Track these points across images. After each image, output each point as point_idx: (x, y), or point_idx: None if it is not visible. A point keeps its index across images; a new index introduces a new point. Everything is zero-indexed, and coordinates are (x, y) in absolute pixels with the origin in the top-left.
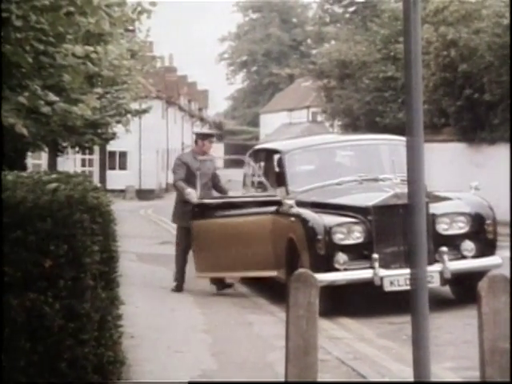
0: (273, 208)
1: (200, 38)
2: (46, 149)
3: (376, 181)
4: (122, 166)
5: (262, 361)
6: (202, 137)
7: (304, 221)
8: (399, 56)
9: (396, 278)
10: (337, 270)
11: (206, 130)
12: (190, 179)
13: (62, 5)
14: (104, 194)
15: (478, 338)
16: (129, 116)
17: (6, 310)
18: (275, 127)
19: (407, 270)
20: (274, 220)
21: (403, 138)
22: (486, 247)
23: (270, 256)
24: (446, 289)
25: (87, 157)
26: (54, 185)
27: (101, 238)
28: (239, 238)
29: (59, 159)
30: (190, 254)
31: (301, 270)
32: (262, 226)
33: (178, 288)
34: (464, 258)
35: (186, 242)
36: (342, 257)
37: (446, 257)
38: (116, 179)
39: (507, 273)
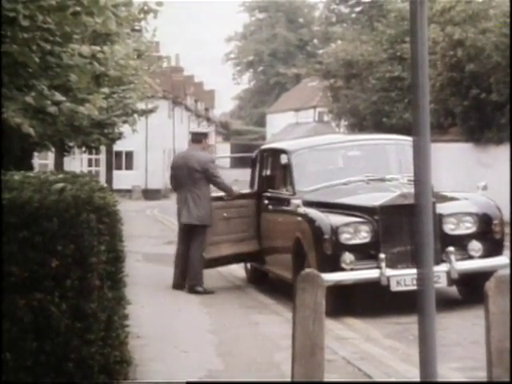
0: None
1: (206, 38)
2: (53, 149)
3: (383, 181)
4: (129, 166)
5: (269, 361)
6: (205, 136)
7: (311, 220)
8: (406, 56)
9: (403, 278)
10: (343, 269)
11: (201, 128)
12: None
13: (68, 5)
14: (110, 194)
15: (485, 338)
16: (135, 116)
17: (13, 309)
18: (282, 127)
19: (414, 270)
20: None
21: (410, 138)
22: (493, 247)
23: None
24: (453, 289)
25: (94, 157)
26: (60, 185)
27: (107, 237)
28: None
29: (66, 159)
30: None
31: (307, 270)
32: None
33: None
34: (471, 258)
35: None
36: (348, 257)
37: (452, 257)
38: (122, 179)
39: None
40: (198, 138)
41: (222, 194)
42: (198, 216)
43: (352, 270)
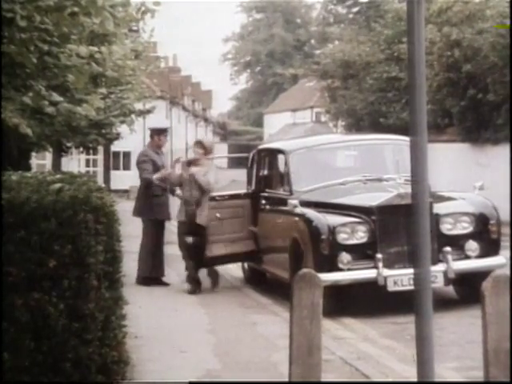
0: None
1: (204, 38)
2: (51, 149)
3: (380, 181)
4: (126, 167)
5: (266, 361)
6: (157, 132)
7: (308, 221)
8: (403, 56)
9: (400, 278)
10: (340, 269)
11: (159, 125)
12: (156, 172)
13: (66, 5)
14: (108, 195)
15: (482, 337)
16: (133, 116)
17: (11, 309)
18: (279, 127)
19: (411, 270)
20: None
21: (407, 138)
22: (490, 247)
23: None
24: (450, 289)
25: (91, 157)
26: (58, 185)
27: (105, 238)
28: None
29: (63, 159)
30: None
31: (305, 270)
32: None
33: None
34: (468, 257)
35: (158, 234)
36: (345, 257)
37: (449, 257)
38: (120, 179)
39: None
40: (151, 135)
41: (214, 194)
42: (135, 208)
43: (349, 270)
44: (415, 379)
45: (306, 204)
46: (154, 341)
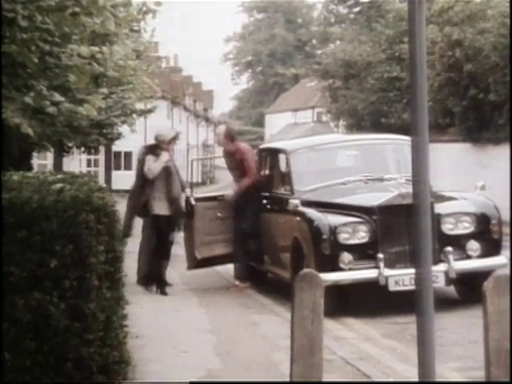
0: None
1: (205, 38)
2: (52, 149)
3: (381, 181)
4: (127, 167)
5: (267, 361)
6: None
7: (309, 220)
8: (404, 56)
9: (401, 278)
10: (342, 269)
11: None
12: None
13: (67, 5)
14: (109, 195)
15: (483, 337)
16: (134, 116)
17: (12, 309)
18: (280, 127)
19: (412, 270)
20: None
21: (408, 138)
22: (491, 247)
23: None
24: (451, 289)
25: (92, 157)
26: (59, 185)
27: (106, 238)
28: None
29: (65, 159)
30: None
31: (306, 270)
32: None
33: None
34: (469, 257)
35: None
36: (347, 256)
37: (451, 257)
38: (121, 179)
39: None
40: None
41: (216, 194)
42: None
43: (350, 269)
44: (416, 379)
45: (307, 204)
46: (155, 341)
